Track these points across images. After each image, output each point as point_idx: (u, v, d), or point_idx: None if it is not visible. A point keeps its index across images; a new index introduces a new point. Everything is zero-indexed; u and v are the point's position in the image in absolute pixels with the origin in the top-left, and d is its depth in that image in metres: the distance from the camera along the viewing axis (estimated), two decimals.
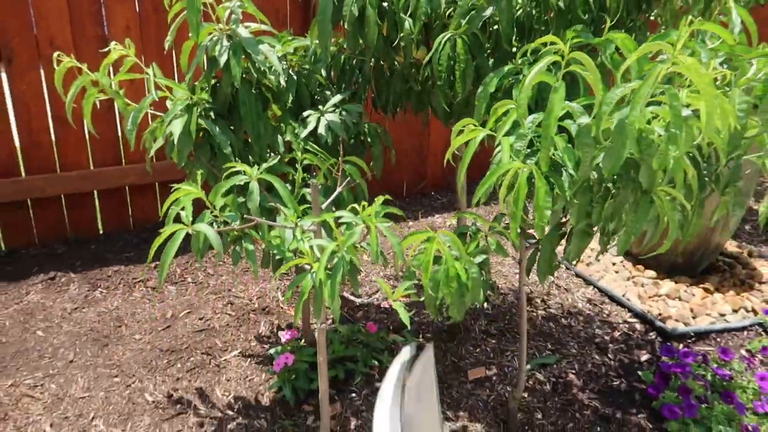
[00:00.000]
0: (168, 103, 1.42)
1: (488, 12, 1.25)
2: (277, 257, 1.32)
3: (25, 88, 2.40)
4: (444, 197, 3.41)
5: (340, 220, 1.19)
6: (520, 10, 1.32)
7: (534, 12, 1.29)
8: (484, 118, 1.22)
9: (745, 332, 2.24)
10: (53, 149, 2.54)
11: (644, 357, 2.09)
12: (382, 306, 2.34)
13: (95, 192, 2.68)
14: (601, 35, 1.26)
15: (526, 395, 1.90)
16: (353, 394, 1.86)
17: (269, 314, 2.26)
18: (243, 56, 1.36)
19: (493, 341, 2.15)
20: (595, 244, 2.84)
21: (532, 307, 2.38)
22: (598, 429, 1.78)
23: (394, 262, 2.61)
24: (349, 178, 1.40)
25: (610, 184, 1.08)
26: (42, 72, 2.42)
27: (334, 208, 1.42)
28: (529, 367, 2.03)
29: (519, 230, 1.10)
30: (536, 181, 0.98)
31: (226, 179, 1.22)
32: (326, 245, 1.17)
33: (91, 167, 2.62)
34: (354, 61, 1.69)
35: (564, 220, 1.40)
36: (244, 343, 2.08)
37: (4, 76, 2.38)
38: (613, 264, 2.66)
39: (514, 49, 1.32)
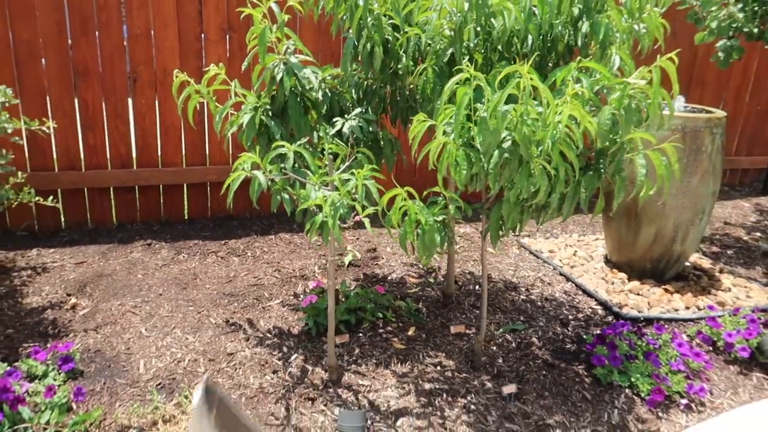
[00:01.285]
0: (243, 106, 2.14)
1: (449, 51, 1.91)
2: (303, 206, 1.98)
3: (143, 103, 3.25)
4: None
5: (343, 178, 1.85)
6: (476, 52, 1.97)
7: (483, 51, 1.93)
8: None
9: (691, 323, 2.68)
10: (158, 150, 3.36)
11: (597, 331, 2.58)
12: (390, 280, 2.95)
13: (185, 185, 3.47)
14: (545, 69, 1.89)
15: (494, 348, 2.44)
16: (360, 334, 2.47)
17: (306, 280, 2.92)
18: (293, 76, 2.07)
19: (477, 311, 2.71)
20: (586, 246, 3.34)
21: (516, 293, 2.92)
22: (544, 372, 2.29)
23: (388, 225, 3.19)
24: (354, 157, 2.06)
25: (510, 158, 1.68)
26: (156, 92, 3.27)
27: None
28: (501, 330, 2.57)
29: (442, 181, 1.72)
30: (453, 149, 1.60)
31: (272, 151, 1.92)
32: (332, 194, 1.82)
33: (183, 166, 3.42)
34: (374, 87, 2.38)
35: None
36: (284, 297, 2.74)
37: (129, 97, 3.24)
38: (595, 269, 3.15)
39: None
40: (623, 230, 2.99)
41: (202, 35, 3.25)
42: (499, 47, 1.90)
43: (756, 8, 3.12)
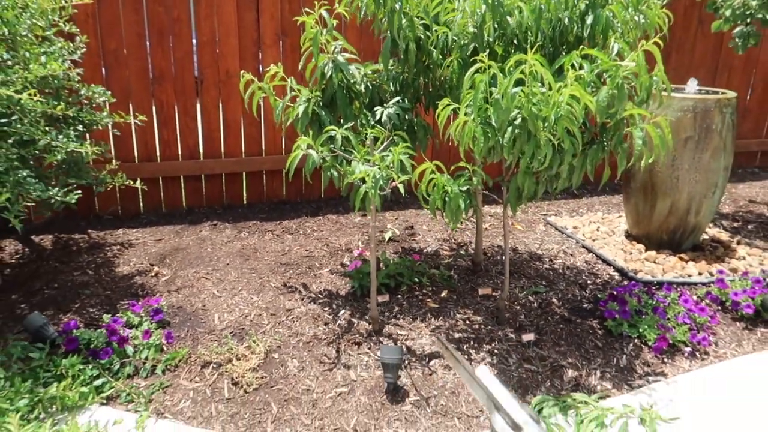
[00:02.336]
0: (298, 99, 2.54)
1: (472, 46, 2.24)
2: (350, 179, 2.35)
3: (208, 101, 3.71)
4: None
5: (382, 155, 2.22)
6: (496, 46, 2.30)
7: (501, 44, 2.26)
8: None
9: (702, 286, 2.92)
10: (221, 142, 3.81)
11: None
12: (426, 252, 3.30)
13: (244, 173, 3.92)
14: (558, 58, 2.21)
15: (518, 307, 2.76)
16: (398, 296, 2.83)
17: (351, 252, 3.30)
18: (340, 72, 2.45)
19: (503, 277, 3.02)
20: (595, 217, 3.61)
21: (540, 263, 3.22)
22: (561, 326, 2.60)
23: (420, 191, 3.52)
24: (391, 139, 2.42)
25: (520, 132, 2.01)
26: (219, 92, 3.71)
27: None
28: (525, 293, 2.88)
29: (463, 155, 2.06)
30: (472, 126, 1.94)
31: (324, 134, 2.30)
32: (373, 169, 2.19)
33: (243, 156, 3.86)
34: (410, 79, 2.73)
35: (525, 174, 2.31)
36: (333, 266, 3.13)
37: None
38: (615, 242, 3.42)
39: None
40: (641, 204, 3.25)
41: (259, 40, 3.67)
42: (515, 41, 2.22)
43: None
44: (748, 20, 3.46)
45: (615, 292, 2.67)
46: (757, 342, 2.56)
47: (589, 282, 2.99)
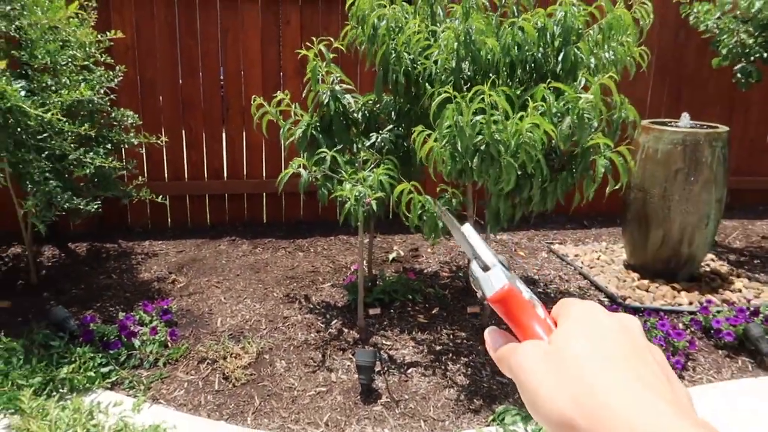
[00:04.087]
0: (299, 123, 2.80)
1: (451, 79, 2.46)
2: (334, 195, 2.57)
3: (233, 127, 4.04)
4: None
5: (366, 175, 2.44)
6: (475, 78, 2.50)
7: (480, 76, 2.46)
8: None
9: (688, 314, 2.97)
10: (243, 165, 4.13)
11: None
12: (426, 273, 3.47)
13: (264, 194, 4.21)
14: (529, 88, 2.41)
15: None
16: (391, 310, 3.01)
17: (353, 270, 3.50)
18: (337, 100, 2.71)
19: None
20: (599, 247, 3.69)
21: (534, 287, 3.33)
22: None
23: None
24: (378, 159, 2.64)
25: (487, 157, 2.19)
26: (243, 119, 4.04)
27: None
28: None
29: (434, 176, 2.25)
30: (441, 151, 2.13)
31: (316, 155, 2.55)
32: (356, 187, 2.41)
33: (263, 178, 4.16)
34: (406, 108, 2.96)
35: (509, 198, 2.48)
36: (335, 281, 3.34)
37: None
38: (613, 270, 3.49)
39: None
40: (635, 234, 3.33)
41: (281, 73, 4.00)
42: (490, 73, 2.43)
43: (766, 35, 3.40)
44: (751, 58, 3.54)
45: None
46: (737, 370, 2.60)
47: None
